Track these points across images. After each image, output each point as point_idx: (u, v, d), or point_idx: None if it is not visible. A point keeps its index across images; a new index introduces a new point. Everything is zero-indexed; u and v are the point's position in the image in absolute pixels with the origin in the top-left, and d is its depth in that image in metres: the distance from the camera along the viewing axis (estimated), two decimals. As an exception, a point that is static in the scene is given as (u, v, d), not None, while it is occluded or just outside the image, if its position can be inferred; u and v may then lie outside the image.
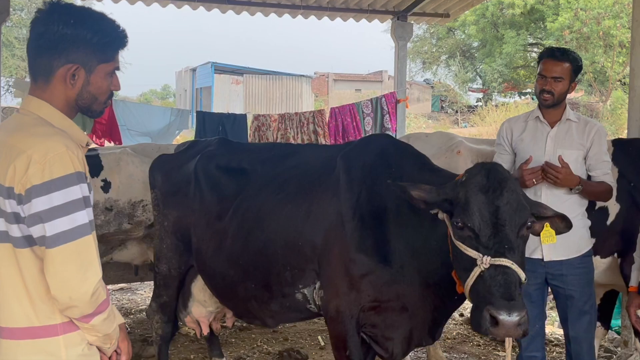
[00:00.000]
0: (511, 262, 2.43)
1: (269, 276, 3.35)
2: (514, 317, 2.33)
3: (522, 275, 2.46)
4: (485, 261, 2.44)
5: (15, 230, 1.85)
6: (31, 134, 1.86)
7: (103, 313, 1.91)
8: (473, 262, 2.48)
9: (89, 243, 1.85)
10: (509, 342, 2.82)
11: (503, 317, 2.33)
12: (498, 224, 2.49)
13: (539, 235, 2.80)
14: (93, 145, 6.44)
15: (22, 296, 1.88)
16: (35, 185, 1.79)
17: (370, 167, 3.21)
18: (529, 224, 2.58)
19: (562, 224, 2.80)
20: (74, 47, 1.91)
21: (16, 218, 1.84)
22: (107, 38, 1.96)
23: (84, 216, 1.84)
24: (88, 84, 1.96)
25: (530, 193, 3.42)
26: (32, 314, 1.89)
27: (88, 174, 1.95)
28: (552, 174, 3.26)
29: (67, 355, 1.91)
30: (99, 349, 2.01)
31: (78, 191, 1.83)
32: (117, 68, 2.04)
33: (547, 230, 2.80)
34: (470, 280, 2.49)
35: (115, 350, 2.07)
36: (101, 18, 1.98)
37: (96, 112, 2.06)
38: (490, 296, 2.39)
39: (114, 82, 2.03)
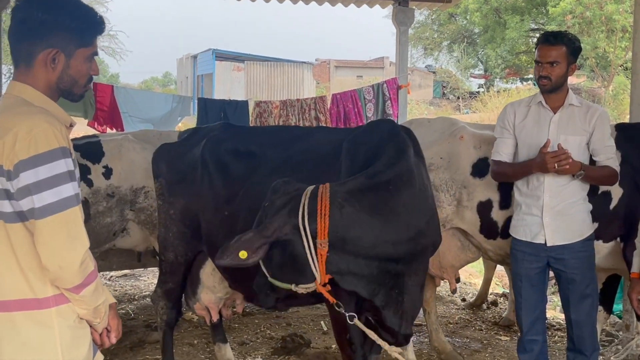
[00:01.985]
0: None
1: None
2: None
3: None
4: None
5: (7, 206, 1.93)
6: (16, 113, 1.95)
7: (91, 284, 1.99)
8: None
9: (76, 214, 1.95)
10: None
11: None
12: None
13: None
14: (94, 132, 6.45)
15: (14, 270, 1.96)
16: (22, 160, 1.87)
17: (373, 152, 3.20)
18: None
19: None
20: (54, 32, 2.00)
21: (7, 194, 1.92)
22: (85, 24, 2.06)
23: (70, 189, 1.93)
24: (68, 68, 2.05)
25: (533, 178, 3.43)
26: (25, 287, 1.96)
27: (73, 151, 2.04)
28: (564, 159, 3.21)
29: (59, 325, 1.99)
30: (90, 325, 2.09)
31: (63, 165, 1.92)
32: (96, 53, 2.13)
33: None
34: None
35: (106, 328, 2.15)
36: (79, 5, 2.08)
37: (77, 96, 2.15)
38: None
39: (92, 66, 2.13)
